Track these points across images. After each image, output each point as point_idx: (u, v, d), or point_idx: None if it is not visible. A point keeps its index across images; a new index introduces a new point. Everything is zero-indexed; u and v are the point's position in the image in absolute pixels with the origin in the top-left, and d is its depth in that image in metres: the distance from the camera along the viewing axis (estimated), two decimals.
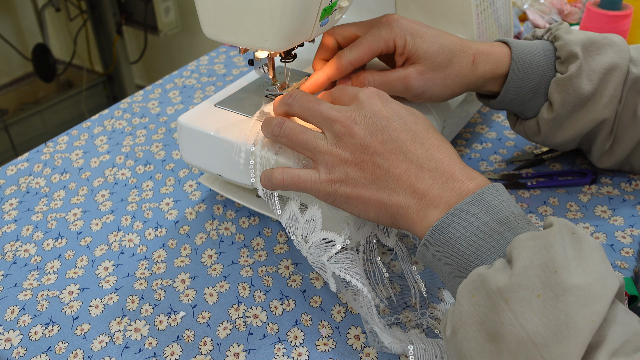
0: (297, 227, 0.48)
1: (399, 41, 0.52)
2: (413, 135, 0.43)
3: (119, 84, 2.19)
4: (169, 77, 0.86)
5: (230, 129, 0.53)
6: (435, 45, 0.52)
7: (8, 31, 2.16)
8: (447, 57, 0.53)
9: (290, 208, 0.48)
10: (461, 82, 0.54)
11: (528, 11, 0.91)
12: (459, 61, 0.53)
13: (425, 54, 0.52)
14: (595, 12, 0.70)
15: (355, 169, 0.43)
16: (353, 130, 0.43)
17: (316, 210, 0.47)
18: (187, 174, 0.66)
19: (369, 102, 0.44)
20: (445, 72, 0.53)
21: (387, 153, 0.42)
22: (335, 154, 0.44)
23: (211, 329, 0.48)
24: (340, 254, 0.45)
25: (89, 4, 2.02)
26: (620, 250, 0.53)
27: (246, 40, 0.50)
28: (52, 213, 0.61)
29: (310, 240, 0.47)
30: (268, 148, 0.49)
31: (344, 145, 0.43)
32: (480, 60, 0.54)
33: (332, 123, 0.44)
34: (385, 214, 0.43)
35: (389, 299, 0.49)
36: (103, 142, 0.72)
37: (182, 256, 0.55)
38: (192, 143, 0.55)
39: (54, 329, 0.49)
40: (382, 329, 0.43)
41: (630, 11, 0.70)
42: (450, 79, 0.53)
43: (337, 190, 0.44)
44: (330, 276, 0.45)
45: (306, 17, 0.48)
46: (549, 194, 0.60)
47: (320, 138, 0.45)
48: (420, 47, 0.52)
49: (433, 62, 0.52)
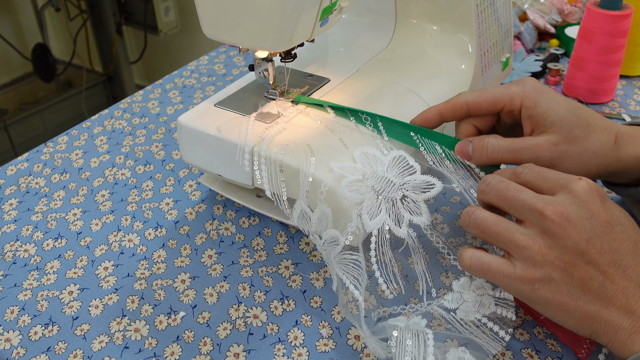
0: (310, 225, 0.47)
1: (527, 101, 0.46)
2: (634, 247, 0.38)
3: (119, 84, 2.19)
4: (169, 77, 0.86)
5: (231, 129, 0.53)
6: (573, 116, 0.46)
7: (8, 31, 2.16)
8: (585, 130, 0.46)
9: (300, 207, 0.48)
10: (599, 162, 0.46)
11: (528, 11, 0.91)
12: (599, 138, 0.46)
13: (561, 122, 0.45)
14: (595, 12, 0.70)
15: (562, 274, 0.38)
16: (566, 231, 0.38)
17: (326, 208, 0.46)
18: (187, 174, 0.66)
19: (587, 198, 0.39)
20: (582, 147, 0.46)
21: (605, 265, 0.37)
22: (539, 252, 0.38)
23: (211, 329, 0.48)
24: (341, 253, 0.45)
25: (88, 4, 2.02)
26: None
27: (246, 40, 0.50)
28: (52, 213, 0.61)
29: (324, 237, 0.47)
30: (272, 149, 0.49)
31: (552, 245, 0.38)
32: (623, 141, 0.47)
33: (540, 217, 0.38)
34: (588, 327, 0.39)
35: (398, 291, 0.49)
36: (103, 142, 0.72)
37: (182, 256, 0.55)
38: (192, 143, 0.55)
39: (54, 329, 0.49)
40: (368, 335, 0.43)
41: (630, 11, 0.70)
42: (587, 155, 0.46)
43: (536, 291, 0.39)
44: (335, 275, 0.45)
45: (306, 17, 0.48)
46: None
47: (519, 231, 0.39)
48: (555, 113, 0.46)
49: (569, 133, 0.45)
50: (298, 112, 0.55)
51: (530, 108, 0.46)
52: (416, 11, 0.67)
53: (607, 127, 0.47)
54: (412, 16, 0.67)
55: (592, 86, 0.75)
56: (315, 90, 0.59)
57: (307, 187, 0.48)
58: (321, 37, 0.69)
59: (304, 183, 0.48)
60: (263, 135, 0.51)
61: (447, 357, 0.42)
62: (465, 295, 0.47)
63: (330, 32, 0.70)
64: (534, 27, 0.90)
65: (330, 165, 0.48)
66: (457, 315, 0.47)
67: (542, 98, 0.46)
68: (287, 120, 0.54)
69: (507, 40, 0.73)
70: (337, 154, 0.50)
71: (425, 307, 0.48)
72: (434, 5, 0.65)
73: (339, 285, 0.45)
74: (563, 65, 0.84)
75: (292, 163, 0.48)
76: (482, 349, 0.43)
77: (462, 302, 0.47)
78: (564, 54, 0.87)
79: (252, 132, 0.52)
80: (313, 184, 0.48)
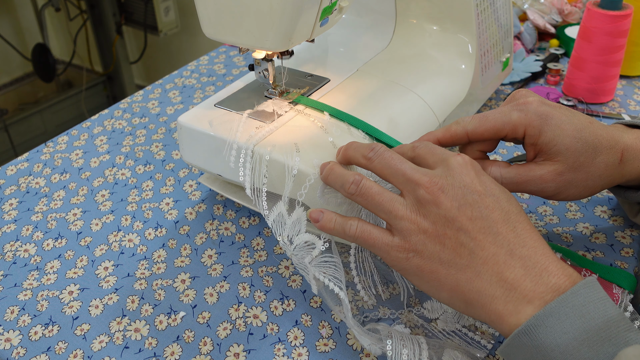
0: (284, 228, 0.47)
1: (531, 130, 0.45)
2: (506, 216, 0.38)
3: (119, 84, 2.19)
4: (169, 77, 0.86)
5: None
6: (579, 142, 0.44)
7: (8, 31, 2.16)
8: (590, 155, 0.45)
9: (279, 209, 0.48)
10: (604, 183, 0.46)
11: (528, 11, 0.91)
12: (605, 160, 0.45)
13: (567, 151, 0.44)
14: (595, 12, 0.70)
15: (435, 242, 0.39)
16: (439, 199, 0.39)
17: (302, 213, 0.46)
18: (187, 174, 0.66)
19: (461, 170, 0.40)
20: (587, 173, 0.45)
21: (475, 232, 0.38)
22: (414, 221, 0.39)
23: (211, 329, 0.48)
24: (320, 257, 0.45)
25: (88, 4, 2.02)
26: (620, 251, 0.53)
27: (246, 40, 0.50)
28: (52, 213, 0.61)
29: (295, 242, 0.46)
30: (261, 146, 0.49)
31: (426, 214, 0.39)
32: (628, 157, 0.46)
33: (416, 187, 0.40)
34: (461, 298, 0.38)
35: (377, 296, 0.49)
36: (103, 142, 0.72)
37: (182, 256, 0.55)
38: (192, 143, 0.55)
39: (54, 329, 0.49)
40: (360, 332, 0.43)
41: (630, 11, 0.70)
42: (592, 180, 0.46)
43: (410, 259, 0.40)
44: (312, 278, 0.44)
45: (306, 17, 0.48)
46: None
47: (399, 201, 0.40)
48: (560, 142, 0.44)
49: (575, 162, 0.45)
50: (292, 110, 0.55)
51: (534, 137, 0.45)
52: (416, 11, 0.67)
53: (613, 146, 0.46)
54: (412, 16, 0.67)
55: (592, 86, 0.75)
56: (315, 90, 0.59)
57: (291, 182, 0.48)
58: (321, 37, 0.69)
59: (289, 179, 0.48)
60: (253, 133, 0.51)
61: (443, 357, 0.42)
62: (445, 305, 0.47)
63: (330, 32, 0.70)
64: (534, 27, 0.90)
65: (314, 162, 0.47)
66: (438, 326, 0.47)
67: (547, 126, 0.45)
68: (280, 119, 0.54)
69: (507, 40, 0.73)
70: (324, 153, 0.49)
71: (405, 315, 0.48)
72: (434, 5, 0.65)
73: (320, 288, 0.45)
74: (563, 65, 0.84)
75: (278, 158, 0.48)
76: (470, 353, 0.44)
77: (442, 312, 0.47)
78: (564, 54, 0.87)
79: (242, 129, 0.52)
80: (298, 178, 0.48)
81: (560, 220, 0.57)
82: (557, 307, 0.34)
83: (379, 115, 0.55)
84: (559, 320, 0.34)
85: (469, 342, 0.45)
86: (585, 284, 0.35)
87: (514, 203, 0.39)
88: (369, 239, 0.42)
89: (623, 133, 0.47)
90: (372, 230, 0.42)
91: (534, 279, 0.36)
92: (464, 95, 0.64)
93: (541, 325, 0.34)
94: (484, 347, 0.45)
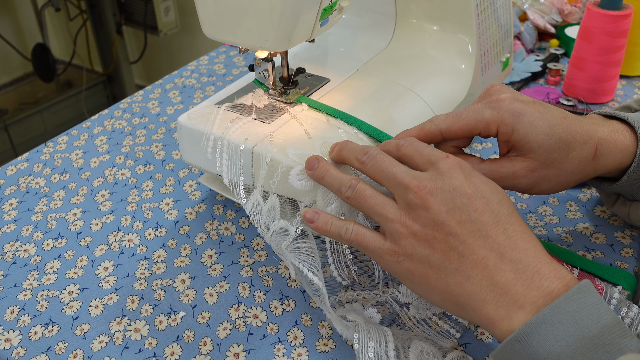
0: (261, 216, 0.48)
1: (504, 127, 0.45)
2: (496, 219, 0.38)
3: (119, 84, 2.19)
4: (169, 77, 0.86)
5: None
6: (552, 139, 0.44)
7: (8, 31, 2.16)
8: (564, 152, 0.45)
9: (255, 197, 0.49)
10: (577, 178, 0.47)
11: (528, 11, 0.91)
12: (578, 155, 0.45)
13: (539, 149, 0.44)
14: (595, 12, 0.70)
15: (424, 246, 0.39)
16: (427, 203, 0.39)
17: (275, 199, 0.47)
18: (187, 174, 0.66)
19: (450, 173, 0.40)
20: (560, 169, 0.45)
21: (464, 235, 0.38)
22: (404, 224, 0.39)
23: (211, 329, 0.48)
24: (293, 243, 0.45)
25: (88, 4, 2.02)
26: (620, 251, 0.53)
27: (246, 40, 0.50)
28: (52, 213, 0.61)
29: (272, 229, 0.47)
30: (237, 137, 0.50)
31: (415, 217, 0.39)
32: (602, 152, 0.46)
33: (406, 190, 0.40)
34: (453, 301, 0.38)
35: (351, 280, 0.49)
36: (103, 142, 0.72)
37: (182, 256, 0.55)
38: (192, 143, 0.55)
39: (54, 329, 0.49)
40: (334, 317, 0.44)
41: (630, 11, 0.70)
42: (564, 176, 0.46)
43: (401, 263, 0.40)
44: (290, 263, 0.45)
45: (306, 17, 0.48)
46: (549, 194, 0.60)
47: (390, 204, 0.41)
48: (532, 140, 0.44)
49: (547, 158, 0.45)
50: (270, 102, 0.56)
51: (507, 134, 0.45)
52: (416, 11, 0.67)
53: (587, 141, 0.45)
54: (412, 16, 0.67)
55: (592, 86, 0.75)
56: (315, 90, 0.59)
57: (265, 171, 0.49)
58: (321, 37, 0.69)
59: (262, 168, 0.49)
60: (230, 124, 0.51)
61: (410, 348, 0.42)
62: None
63: (330, 32, 0.70)
64: (534, 27, 0.90)
65: (286, 152, 0.48)
66: (409, 312, 0.47)
67: (519, 123, 0.44)
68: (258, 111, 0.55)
69: (507, 40, 0.73)
70: (298, 142, 0.50)
71: (380, 295, 0.48)
72: (434, 5, 0.65)
73: (297, 272, 0.45)
74: (563, 65, 0.84)
75: (252, 148, 0.49)
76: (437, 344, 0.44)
77: (417, 297, 0.48)
78: (564, 54, 0.87)
79: (219, 121, 0.53)
80: (271, 166, 0.48)
81: (560, 220, 0.57)
82: (550, 314, 0.34)
83: (379, 115, 0.55)
84: (552, 327, 0.33)
85: (438, 332, 0.46)
86: (578, 289, 0.34)
87: (505, 204, 0.39)
88: (362, 242, 0.42)
89: (598, 126, 0.47)
90: (366, 234, 0.42)
91: (525, 283, 0.36)
92: (464, 95, 0.64)
93: (534, 333, 0.34)
94: (453, 335, 0.45)
